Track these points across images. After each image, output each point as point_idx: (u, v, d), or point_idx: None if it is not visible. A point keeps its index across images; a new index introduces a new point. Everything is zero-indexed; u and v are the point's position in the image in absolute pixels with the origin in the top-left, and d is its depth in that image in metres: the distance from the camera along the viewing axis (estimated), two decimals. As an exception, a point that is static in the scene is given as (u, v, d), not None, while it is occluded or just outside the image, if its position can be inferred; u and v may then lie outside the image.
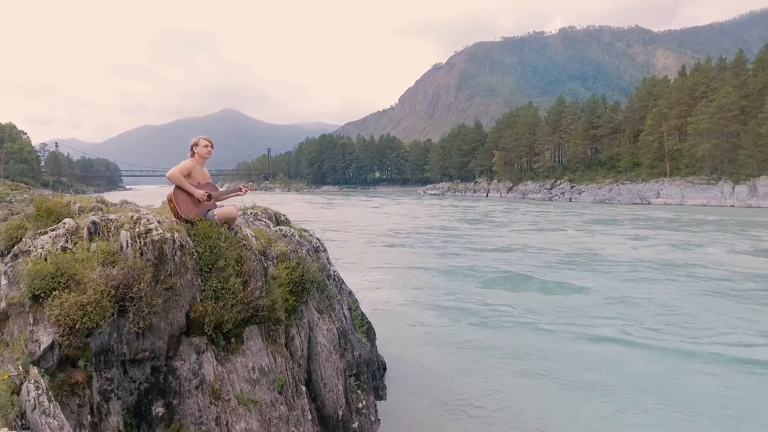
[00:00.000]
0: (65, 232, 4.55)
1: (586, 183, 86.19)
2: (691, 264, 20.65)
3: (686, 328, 11.88)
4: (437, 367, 9.35)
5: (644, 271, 19.26)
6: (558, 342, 11.04)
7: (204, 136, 5.09)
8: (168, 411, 4.31)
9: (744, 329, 11.71)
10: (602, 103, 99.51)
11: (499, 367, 9.53)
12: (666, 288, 16.27)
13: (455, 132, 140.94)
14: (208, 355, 4.47)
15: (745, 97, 69.96)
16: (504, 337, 11.34)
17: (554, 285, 16.99)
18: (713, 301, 14.48)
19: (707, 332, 11.58)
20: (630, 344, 10.78)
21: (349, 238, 30.01)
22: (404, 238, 31.43)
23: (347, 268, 15.06)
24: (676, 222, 40.94)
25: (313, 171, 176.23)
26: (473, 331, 11.88)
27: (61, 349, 3.79)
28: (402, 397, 7.66)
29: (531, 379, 9.00)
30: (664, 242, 27.84)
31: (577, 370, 9.35)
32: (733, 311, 13.34)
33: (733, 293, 15.45)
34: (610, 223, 41.20)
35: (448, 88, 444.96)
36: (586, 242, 28.19)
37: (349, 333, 6.23)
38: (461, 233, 33.61)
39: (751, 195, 61.70)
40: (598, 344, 10.87)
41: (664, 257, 22.41)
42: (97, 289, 3.90)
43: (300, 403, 4.84)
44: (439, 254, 24.30)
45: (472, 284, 17.32)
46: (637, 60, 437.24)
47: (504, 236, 31.59)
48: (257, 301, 4.77)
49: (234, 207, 5.18)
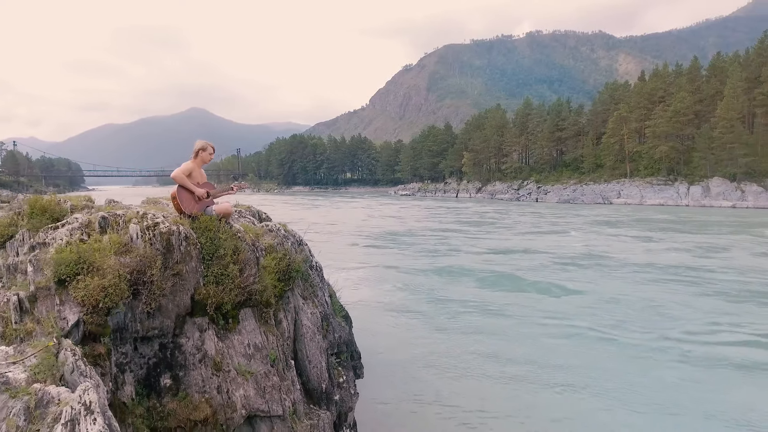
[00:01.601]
0: (79, 225, 5.09)
1: (551, 183, 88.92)
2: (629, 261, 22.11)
3: (649, 323, 13.02)
4: (406, 353, 10.15)
5: (594, 267, 20.57)
6: (522, 331, 12.00)
7: (210, 143, 5.72)
8: (175, 382, 4.92)
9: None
10: (567, 106, 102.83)
11: (464, 355, 10.40)
12: (612, 280, 17.54)
13: (426, 133, 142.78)
14: (210, 333, 5.10)
15: (699, 101, 73.69)
16: (472, 330, 12.23)
17: (525, 283, 18.04)
18: (691, 298, 15.76)
19: (675, 327, 12.74)
20: (603, 340, 11.79)
21: (325, 238, 30.56)
22: (377, 237, 32.19)
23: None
24: (624, 221, 43.05)
25: (284, 171, 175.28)
26: (443, 324, 12.74)
27: (85, 326, 4.36)
28: (376, 378, 8.42)
29: (494, 363, 9.88)
30: (612, 239, 29.49)
31: (543, 358, 10.30)
32: (714, 307, 14.62)
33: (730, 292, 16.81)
34: (568, 221, 43.03)
35: (419, 90, 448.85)
36: (556, 241, 29.56)
37: (330, 317, 6.93)
38: (434, 233, 34.61)
39: (705, 195, 65.09)
40: (567, 338, 11.85)
41: (605, 252, 23.88)
42: (115, 274, 4.49)
43: (290, 375, 5.51)
44: (413, 253, 25.15)
45: (442, 281, 18.21)
46: (600, 64, 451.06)
47: (477, 236, 32.73)
48: (251, 286, 5.41)
49: (229, 204, 5.82)
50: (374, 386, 8.14)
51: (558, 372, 9.41)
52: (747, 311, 13.50)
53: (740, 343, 10.95)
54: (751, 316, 12.90)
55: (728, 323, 12.34)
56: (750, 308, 13.84)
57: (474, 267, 20.44)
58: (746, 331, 11.65)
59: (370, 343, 10.58)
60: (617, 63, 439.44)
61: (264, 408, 5.05)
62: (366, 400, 7.71)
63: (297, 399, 5.45)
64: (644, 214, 51.07)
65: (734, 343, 10.91)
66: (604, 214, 51.56)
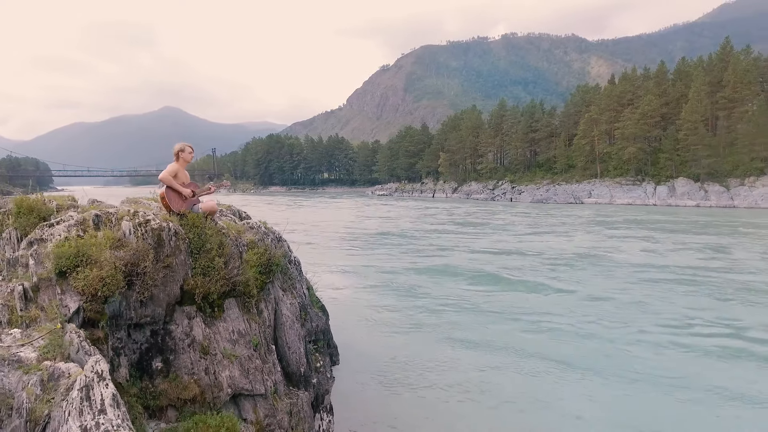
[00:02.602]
0: (75, 222, 5.52)
1: (525, 184, 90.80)
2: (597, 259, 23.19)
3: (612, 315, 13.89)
4: (381, 344, 10.74)
5: (561, 262, 21.54)
6: (495, 326, 12.71)
7: (188, 144, 6.18)
8: (165, 365, 5.40)
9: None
10: (540, 108, 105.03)
11: (436, 346, 11.04)
12: (586, 275, 18.47)
13: (402, 133, 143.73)
14: (198, 320, 5.58)
15: (666, 104, 76.36)
16: (446, 324, 12.89)
17: (498, 280, 18.82)
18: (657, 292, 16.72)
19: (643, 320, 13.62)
20: (575, 334, 12.56)
21: (301, 238, 30.94)
22: (356, 238, 32.70)
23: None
24: (594, 220, 44.59)
25: (260, 171, 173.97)
26: (418, 319, 13.36)
27: (85, 313, 4.81)
28: (352, 365, 8.99)
29: (466, 350, 10.55)
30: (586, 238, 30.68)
31: (513, 350, 11.00)
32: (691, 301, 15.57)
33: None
34: (544, 221, 44.32)
35: (396, 90, 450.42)
36: (527, 240, 30.57)
37: (308, 307, 7.46)
38: (410, 232, 35.30)
39: (670, 195, 67.55)
40: (541, 332, 12.59)
41: (581, 251, 24.96)
42: (112, 266, 4.94)
43: (271, 358, 6.03)
44: (391, 252, 25.76)
45: (419, 279, 18.87)
46: (573, 67, 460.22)
47: (456, 236, 33.53)
48: (235, 277, 5.91)
49: (214, 202, 6.29)
50: (350, 373, 8.70)
51: (528, 360, 10.12)
52: (720, 306, 14.50)
53: (711, 334, 11.86)
54: (721, 310, 13.90)
55: (702, 317, 13.30)
56: (719, 302, 14.87)
57: (451, 265, 21.16)
58: (719, 324, 12.58)
59: (347, 334, 11.14)
60: (589, 66, 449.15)
61: (248, 387, 5.56)
62: (342, 386, 8.26)
63: (278, 380, 5.98)
64: (613, 213, 52.84)
65: (707, 335, 11.79)
66: (575, 214, 53.15)
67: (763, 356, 10.19)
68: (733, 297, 15.22)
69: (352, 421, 7.62)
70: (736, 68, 69.78)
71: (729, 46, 77.15)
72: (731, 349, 10.71)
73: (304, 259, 8.97)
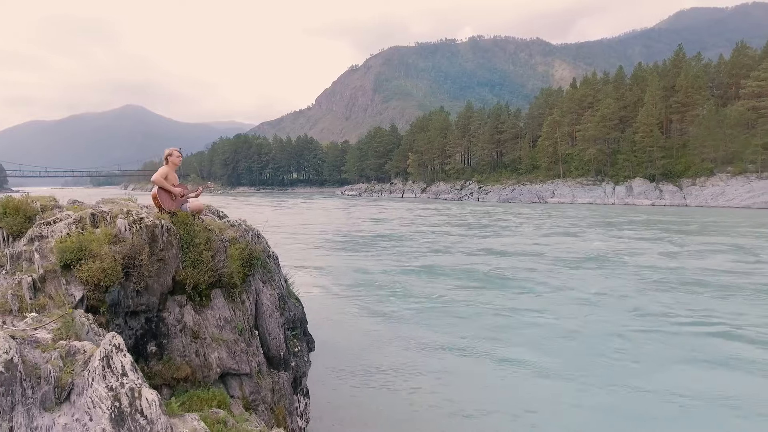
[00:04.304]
0: (73, 220, 6.04)
1: (492, 184, 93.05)
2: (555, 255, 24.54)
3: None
4: (354, 334, 11.47)
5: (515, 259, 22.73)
6: (459, 318, 13.60)
7: (176, 148, 6.77)
8: (159, 348, 5.98)
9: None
10: (506, 110, 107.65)
11: (405, 337, 11.84)
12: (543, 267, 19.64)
13: (372, 134, 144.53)
14: (188, 308, 6.18)
15: (624, 108, 79.76)
16: (414, 318, 13.71)
17: (466, 277, 19.78)
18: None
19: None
20: (532, 324, 13.55)
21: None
22: (328, 239, 33.26)
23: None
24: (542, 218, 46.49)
25: (228, 172, 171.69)
26: (388, 312, 14.15)
27: (88, 301, 5.36)
28: (327, 354, 9.69)
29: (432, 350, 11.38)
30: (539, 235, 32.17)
31: (478, 340, 11.89)
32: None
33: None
34: (506, 218, 45.90)
35: (365, 90, 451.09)
36: (489, 241, 31.79)
37: (286, 298, 8.12)
38: (378, 232, 36.09)
39: (628, 194, 70.67)
40: (505, 323, 13.55)
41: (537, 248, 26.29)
42: (112, 259, 5.51)
43: (254, 342, 6.67)
44: (364, 252, 26.48)
45: (391, 278, 19.66)
46: (538, 70, 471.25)
47: (425, 235, 34.48)
48: (221, 269, 6.53)
49: (201, 202, 6.89)
50: (325, 360, 9.40)
51: (489, 348, 11.03)
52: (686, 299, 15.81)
53: (677, 324, 13.05)
54: (683, 303, 15.20)
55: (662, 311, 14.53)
56: (684, 296, 16.21)
57: (421, 264, 22.04)
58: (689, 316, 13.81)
59: (322, 326, 11.82)
60: (553, 69, 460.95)
61: (235, 367, 6.20)
62: (317, 373, 8.96)
63: (261, 362, 6.63)
64: (575, 211, 55.06)
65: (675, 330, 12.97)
66: (538, 213, 55.11)
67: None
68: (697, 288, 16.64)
69: (326, 406, 8.33)
70: (687, 74, 73.56)
71: (682, 53, 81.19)
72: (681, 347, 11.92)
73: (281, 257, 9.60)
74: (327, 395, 8.81)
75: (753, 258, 22.50)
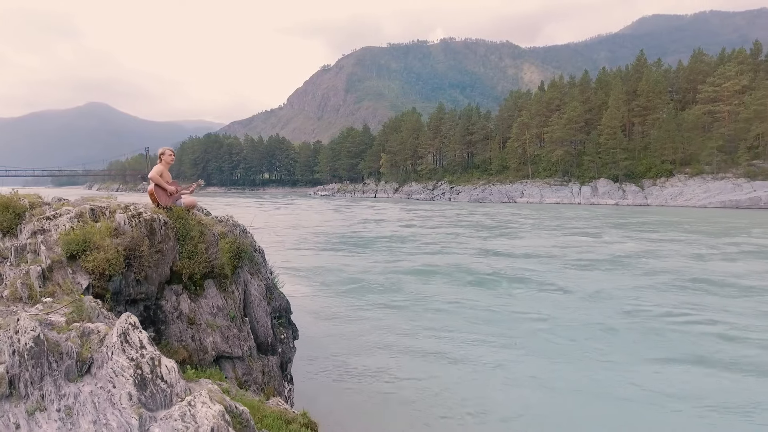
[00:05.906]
0: (75, 215, 6.43)
1: (463, 184, 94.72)
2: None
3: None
4: (336, 326, 12.03)
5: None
6: (436, 315, 14.29)
7: (168, 148, 7.22)
8: (157, 334, 6.44)
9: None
10: (477, 111, 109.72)
11: (384, 330, 12.47)
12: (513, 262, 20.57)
13: (344, 134, 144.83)
14: (184, 296, 6.65)
15: (589, 111, 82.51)
16: (392, 313, 14.34)
17: (442, 273, 20.51)
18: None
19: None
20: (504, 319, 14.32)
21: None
22: (307, 238, 33.61)
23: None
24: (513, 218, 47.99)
25: (198, 171, 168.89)
26: (368, 308, 14.74)
27: (93, 289, 5.79)
28: (310, 344, 10.23)
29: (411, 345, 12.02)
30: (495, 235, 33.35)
31: (453, 334, 12.59)
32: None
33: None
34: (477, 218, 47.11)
35: (337, 90, 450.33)
36: (467, 240, 32.74)
37: (272, 289, 8.63)
38: (360, 231, 36.63)
39: (593, 194, 73.17)
40: (484, 320, 14.28)
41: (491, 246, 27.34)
42: (115, 250, 5.95)
43: (245, 329, 7.17)
44: (344, 251, 26.97)
45: (370, 275, 20.25)
46: (508, 72, 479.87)
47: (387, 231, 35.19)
48: (214, 261, 7.01)
49: (194, 198, 7.35)
50: (308, 350, 9.94)
51: (467, 346, 11.74)
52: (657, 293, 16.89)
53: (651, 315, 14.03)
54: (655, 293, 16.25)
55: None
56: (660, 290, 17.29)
57: (400, 262, 22.71)
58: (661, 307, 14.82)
59: (305, 321, 12.32)
60: (522, 72, 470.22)
61: (228, 351, 6.70)
62: (300, 362, 9.48)
63: (252, 346, 7.14)
64: (539, 212, 56.78)
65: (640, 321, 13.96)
66: (507, 212, 56.62)
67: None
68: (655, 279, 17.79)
69: (308, 393, 8.87)
70: (648, 79, 76.71)
71: (643, 59, 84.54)
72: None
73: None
74: (309, 380, 9.35)
75: (702, 255, 24.08)
